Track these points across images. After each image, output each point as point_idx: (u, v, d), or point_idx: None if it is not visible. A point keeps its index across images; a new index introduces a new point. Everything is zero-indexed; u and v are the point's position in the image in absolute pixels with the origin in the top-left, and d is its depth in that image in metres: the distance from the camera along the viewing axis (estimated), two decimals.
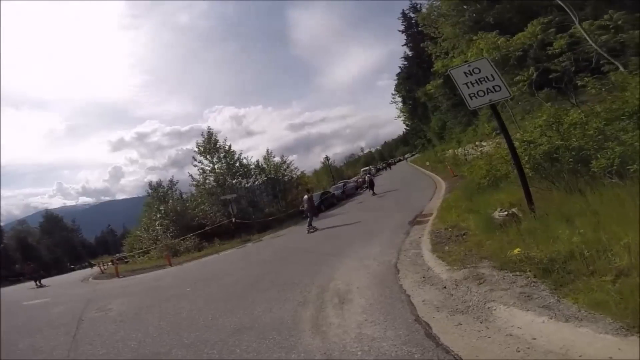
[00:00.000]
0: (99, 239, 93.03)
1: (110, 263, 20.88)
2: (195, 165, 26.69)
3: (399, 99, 54.58)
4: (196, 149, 26.67)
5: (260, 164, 28.75)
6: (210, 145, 26.59)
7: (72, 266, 53.39)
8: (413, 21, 38.86)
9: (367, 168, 60.04)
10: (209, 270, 10.25)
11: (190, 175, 27.09)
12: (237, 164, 26.94)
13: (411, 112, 51.49)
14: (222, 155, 26.61)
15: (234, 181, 26.30)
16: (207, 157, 26.50)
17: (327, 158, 55.36)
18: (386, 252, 6.10)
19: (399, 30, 42.64)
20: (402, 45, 43.87)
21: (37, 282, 21.85)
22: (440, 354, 2.51)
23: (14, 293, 17.39)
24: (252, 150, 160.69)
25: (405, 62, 46.13)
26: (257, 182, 28.41)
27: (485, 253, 4.21)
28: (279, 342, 3.36)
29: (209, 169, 26.48)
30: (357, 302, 3.96)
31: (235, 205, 21.78)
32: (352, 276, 5.12)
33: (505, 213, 4.90)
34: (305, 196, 15.12)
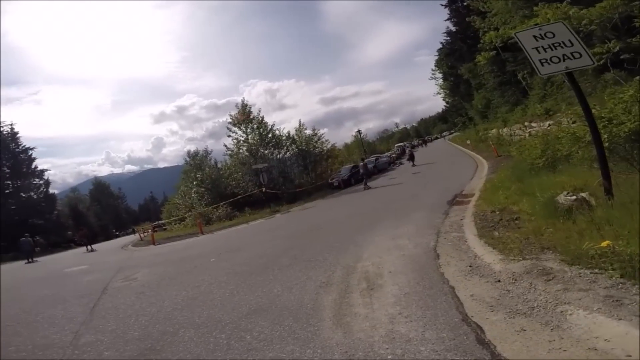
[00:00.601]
0: (142, 206, 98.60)
1: (149, 230, 21.80)
2: (229, 136, 27.37)
3: (439, 76, 51.99)
4: (230, 120, 27.20)
5: (292, 136, 28.80)
6: (244, 116, 26.93)
7: (117, 232, 56.87)
8: None
9: (401, 144, 58.50)
10: (237, 241, 10.15)
11: (225, 145, 27.80)
12: (270, 135, 27.11)
13: (452, 89, 49.02)
14: (255, 126, 26.86)
15: (266, 151, 26.58)
16: (242, 127, 26.98)
17: (359, 132, 53.81)
18: (423, 232, 5.49)
19: (442, 5, 39.56)
20: (445, 20, 40.89)
21: (88, 247, 23.34)
22: None
23: (62, 259, 18.23)
24: (284, 123, 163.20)
25: (448, 38, 43.29)
26: (288, 153, 28.50)
27: (547, 243, 3.51)
28: (294, 330, 2.92)
29: (243, 139, 26.98)
30: (388, 289, 3.42)
31: (266, 175, 21.94)
32: (384, 257, 4.59)
33: (574, 197, 4.08)
34: (361, 163, 21.19)
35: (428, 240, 4.96)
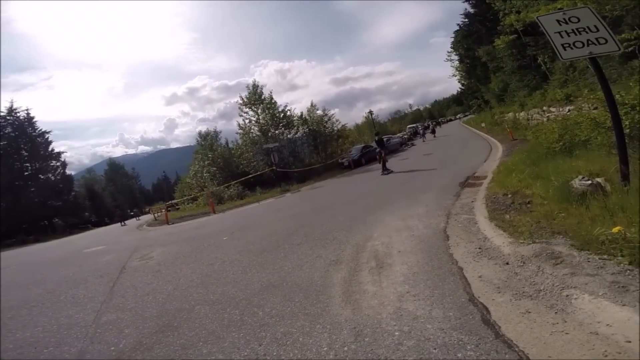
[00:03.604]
0: (155, 185, 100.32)
1: (163, 210, 22.42)
2: (241, 116, 27.60)
3: (456, 57, 50.63)
4: (241, 101, 27.30)
5: (303, 116, 29.00)
6: (255, 97, 27.08)
7: (132, 212, 58.55)
8: None
9: (413, 125, 58.14)
10: (248, 220, 10.31)
11: (238, 124, 28.05)
12: (282, 115, 27.22)
13: (468, 71, 47.70)
14: (266, 106, 26.94)
15: (276, 131, 26.72)
16: (253, 107, 27.16)
17: (370, 112, 53.23)
18: (433, 213, 5.51)
19: None
20: (463, 2, 39.46)
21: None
22: (501, 349, 1.98)
23: (81, 240, 18.53)
24: (295, 103, 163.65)
25: (466, 19, 41.91)
26: (298, 133, 28.67)
27: (558, 227, 3.50)
28: (304, 307, 3.03)
29: (254, 119, 27.17)
30: (397, 268, 3.49)
31: (277, 155, 22.20)
32: (393, 237, 4.65)
33: (589, 182, 4.02)
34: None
35: (438, 221, 4.99)
